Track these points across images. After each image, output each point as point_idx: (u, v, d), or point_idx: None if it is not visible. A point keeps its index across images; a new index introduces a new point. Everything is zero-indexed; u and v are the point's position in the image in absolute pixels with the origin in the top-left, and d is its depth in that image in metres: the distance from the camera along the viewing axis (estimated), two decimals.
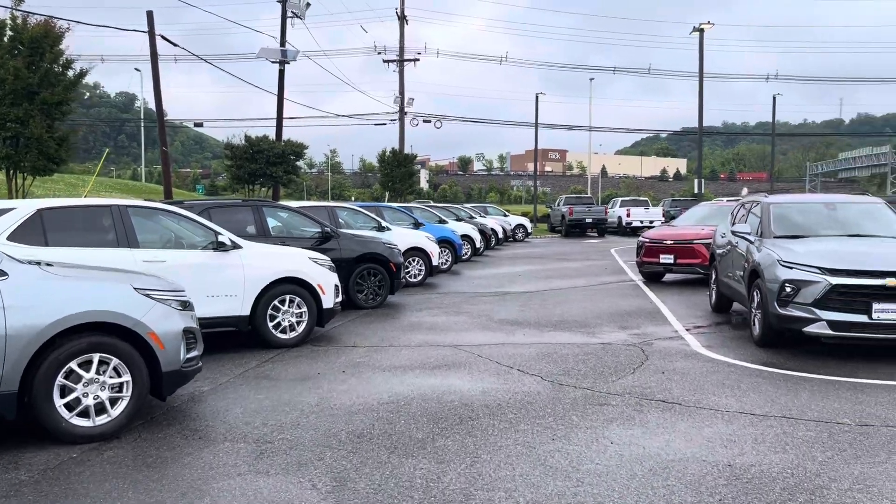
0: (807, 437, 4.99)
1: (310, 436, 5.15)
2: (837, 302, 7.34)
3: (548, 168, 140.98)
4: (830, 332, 7.35)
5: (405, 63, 42.90)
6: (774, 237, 8.69)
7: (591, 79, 62.31)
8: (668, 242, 14.95)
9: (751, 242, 9.01)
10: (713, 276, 11.32)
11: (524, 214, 42.95)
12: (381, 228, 14.57)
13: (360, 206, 16.01)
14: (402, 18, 42.90)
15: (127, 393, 5.18)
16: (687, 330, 9.51)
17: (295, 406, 5.93)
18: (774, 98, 48.97)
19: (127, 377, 5.17)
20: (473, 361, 7.62)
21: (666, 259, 14.92)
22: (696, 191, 30.06)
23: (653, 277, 15.79)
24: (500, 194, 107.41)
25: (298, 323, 8.62)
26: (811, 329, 7.45)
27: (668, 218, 37.05)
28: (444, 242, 17.47)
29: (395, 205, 20.58)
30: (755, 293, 8.39)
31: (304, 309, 8.63)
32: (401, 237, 14.40)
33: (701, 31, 27.50)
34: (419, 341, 8.85)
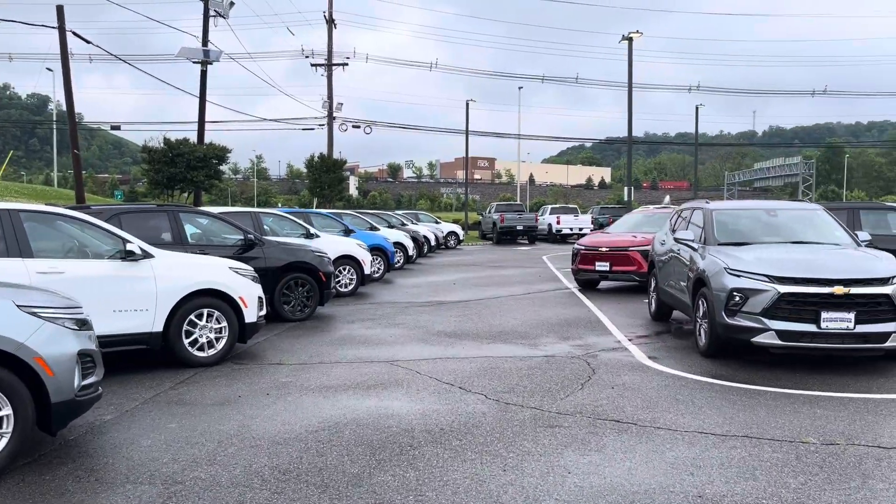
0: (774, 460, 4.64)
1: (227, 474, 4.48)
2: (786, 311, 7.13)
3: (477, 176, 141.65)
4: (779, 342, 7.12)
5: (334, 67, 42.08)
6: (718, 244, 8.47)
7: (520, 87, 62.76)
8: (604, 250, 14.75)
9: (694, 250, 8.77)
10: (652, 285, 11.10)
11: (455, 221, 42.66)
12: (309, 235, 13.85)
13: (287, 213, 15.22)
14: (331, 22, 42.06)
15: (7, 429, 4.39)
16: (629, 340, 9.21)
17: (212, 436, 5.24)
18: (697, 108, 50.31)
19: (7, 410, 4.39)
20: (411, 379, 7.05)
21: (602, 266, 14.71)
22: (626, 198, 30.36)
23: (588, 285, 15.59)
24: (431, 201, 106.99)
25: (218, 339, 7.87)
26: (760, 339, 7.21)
27: (597, 225, 37.41)
28: (376, 250, 16.84)
29: (324, 211, 19.80)
30: (701, 302, 8.13)
31: (225, 324, 7.89)
32: (330, 245, 13.71)
33: (630, 39, 27.78)
34: (351, 357, 8.22)
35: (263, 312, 8.55)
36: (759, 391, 6.47)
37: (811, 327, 7.03)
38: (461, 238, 34.17)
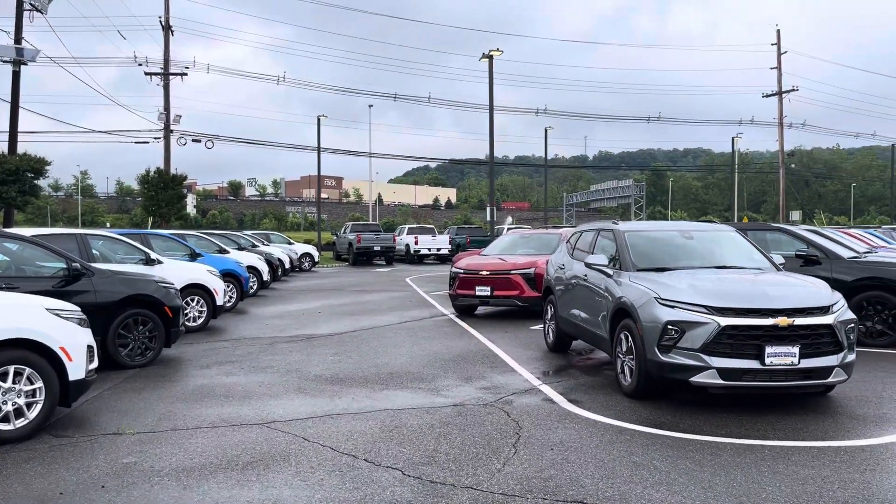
0: None
1: None
2: (727, 346, 6.34)
3: (324, 195, 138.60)
4: (721, 381, 6.31)
5: (172, 77, 38.81)
6: (637, 270, 7.63)
7: (371, 105, 61.66)
8: (485, 273, 13.79)
9: (609, 276, 7.89)
10: (549, 312, 10.18)
11: (307, 242, 40.57)
12: (149, 261, 11.75)
13: (122, 234, 12.96)
14: (168, 29, 38.78)
15: None
16: (538, 379, 8.16)
17: None
18: (546, 131, 51.47)
19: None
20: (299, 450, 5.51)
21: (482, 291, 13.74)
22: (488, 218, 29.96)
23: (466, 311, 14.57)
24: (278, 221, 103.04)
25: (29, 405, 5.90)
26: (699, 379, 6.37)
27: (455, 245, 36.91)
28: (227, 276, 14.87)
29: (165, 232, 17.43)
30: (623, 336, 7.21)
31: (40, 384, 5.95)
32: (177, 272, 11.71)
33: (490, 57, 27.41)
34: (214, 418, 6.51)
35: (94, 365, 6.63)
36: (717, 444, 5.56)
37: (754, 364, 6.28)
38: (316, 260, 32.26)
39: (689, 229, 8.57)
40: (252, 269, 18.11)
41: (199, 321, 12.33)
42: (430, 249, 35.97)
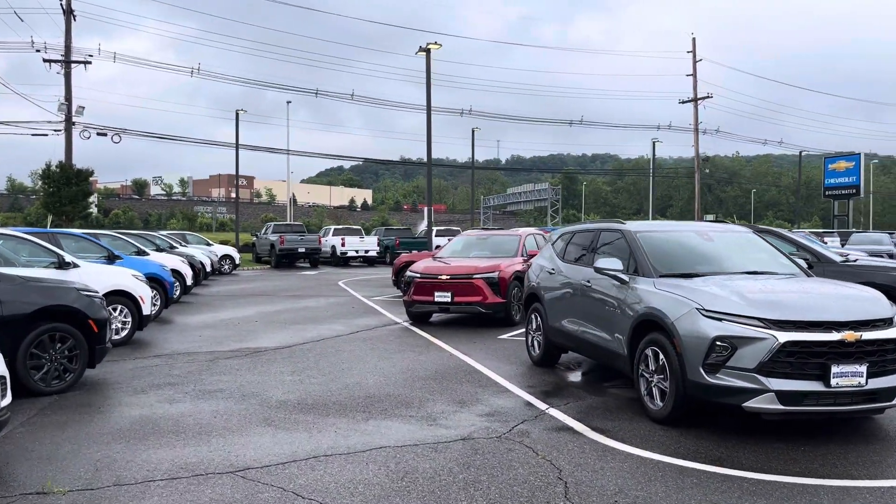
0: None
1: None
2: (786, 365, 5.47)
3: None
4: (780, 406, 5.43)
5: (74, 65, 35.76)
6: (660, 276, 6.70)
7: (289, 102, 59.19)
8: (444, 278, 12.67)
9: (624, 283, 6.93)
10: (534, 322, 9.17)
11: (223, 243, 38.28)
12: (63, 265, 10.04)
13: (28, 233, 11.11)
14: (70, 12, 35.75)
15: None
16: (540, 400, 7.11)
17: None
18: (473, 131, 50.92)
19: None
20: None
21: (442, 297, 12.61)
22: (426, 219, 28.91)
23: (420, 318, 13.43)
24: (189, 221, 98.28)
25: None
26: (755, 404, 5.48)
27: (383, 247, 35.60)
28: (150, 280, 13.11)
29: (77, 231, 15.42)
30: (651, 353, 6.25)
31: None
32: (97, 277, 10.04)
33: (427, 50, 26.27)
34: (169, 465, 5.11)
35: (8, 400, 5.12)
36: (806, 487, 4.64)
37: (818, 385, 5.43)
38: (237, 262, 30.24)
39: (705, 230, 7.71)
40: (175, 273, 16.32)
41: (123, 334, 10.65)
42: (357, 251, 34.50)
